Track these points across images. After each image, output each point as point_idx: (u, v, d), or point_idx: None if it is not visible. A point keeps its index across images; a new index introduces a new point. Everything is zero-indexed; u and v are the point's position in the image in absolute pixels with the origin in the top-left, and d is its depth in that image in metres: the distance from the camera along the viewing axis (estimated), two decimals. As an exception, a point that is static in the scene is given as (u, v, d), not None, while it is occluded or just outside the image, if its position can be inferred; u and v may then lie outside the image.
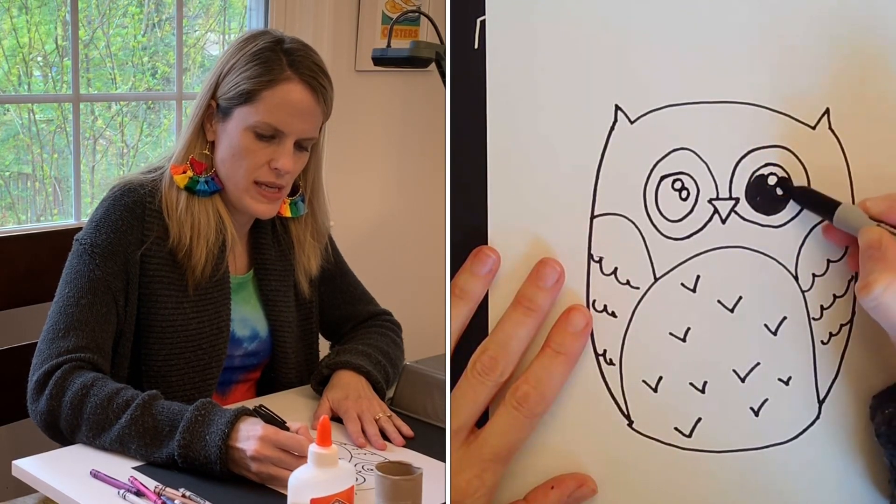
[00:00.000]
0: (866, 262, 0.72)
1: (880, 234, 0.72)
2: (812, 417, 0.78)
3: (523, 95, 0.78)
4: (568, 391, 0.79)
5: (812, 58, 0.76)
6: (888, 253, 0.71)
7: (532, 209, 0.79)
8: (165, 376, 1.52)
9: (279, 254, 1.66)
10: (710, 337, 0.78)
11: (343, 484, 1.10)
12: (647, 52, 0.77)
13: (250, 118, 1.50)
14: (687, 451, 0.79)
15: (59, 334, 1.44)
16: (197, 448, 1.29)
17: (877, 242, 0.72)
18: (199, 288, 1.54)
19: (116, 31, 2.55)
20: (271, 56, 1.51)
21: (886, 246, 0.71)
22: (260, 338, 1.64)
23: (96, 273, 1.47)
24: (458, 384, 0.79)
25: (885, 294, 0.70)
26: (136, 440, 1.33)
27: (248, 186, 1.52)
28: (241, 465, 1.29)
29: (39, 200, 2.49)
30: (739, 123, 0.77)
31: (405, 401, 1.60)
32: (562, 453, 0.80)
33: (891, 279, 0.70)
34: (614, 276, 0.79)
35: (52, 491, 1.28)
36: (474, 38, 0.78)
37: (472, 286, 0.78)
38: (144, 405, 1.34)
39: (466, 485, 0.78)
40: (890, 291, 0.70)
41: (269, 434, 1.28)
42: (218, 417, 1.31)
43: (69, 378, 1.39)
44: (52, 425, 1.40)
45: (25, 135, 2.44)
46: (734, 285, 0.78)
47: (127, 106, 2.61)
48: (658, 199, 0.78)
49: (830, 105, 0.77)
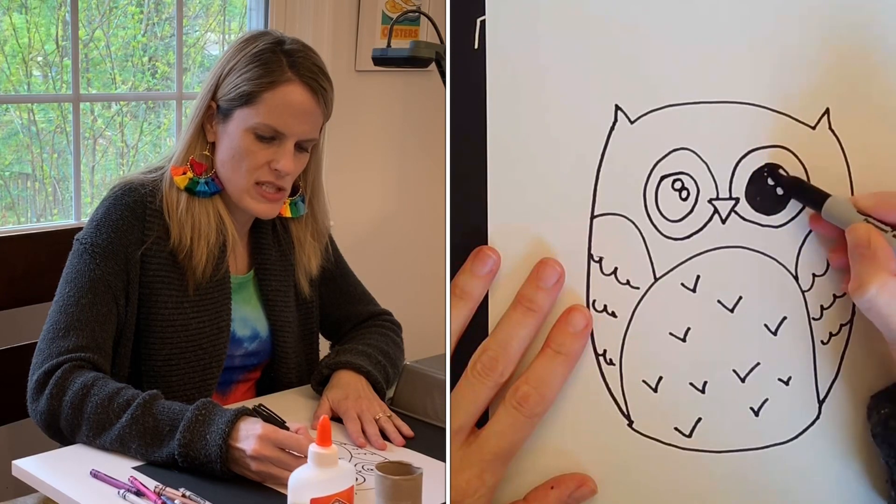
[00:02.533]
0: (857, 260, 0.71)
1: (868, 230, 0.71)
2: (812, 417, 0.78)
3: (523, 96, 0.78)
4: (568, 391, 0.79)
5: (812, 58, 0.76)
6: (878, 251, 0.70)
7: (532, 209, 0.79)
8: (166, 376, 1.52)
9: (280, 254, 1.66)
10: (710, 337, 0.78)
11: (343, 484, 1.10)
12: (648, 51, 0.77)
13: (251, 119, 1.50)
14: (687, 451, 0.79)
15: (60, 334, 1.44)
16: (197, 447, 1.29)
17: (865, 240, 0.71)
18: (200, 288, 1.54)
19: (116, 31, 2.55)
20: (272, 57, 1.51)
21: (876, 244, 0.71)
22: (260, 338, 1.64)
23: (97, 272, 1.47)
24: (458, 384, 0.79)
25: (880, 295, 0.70)
26: (136, 440, 1.33)
27: (249, 187, 1.52)
28: (241, 464, 1.29)
29: (39, 200, 2.49)
30: (739, 123, 0.77)
31: (405, 401, 1.60)
32: (562, 453, 0.80)
33: (884, 279, 0.70)
34: (614, 276, 0.79)
35: (52, 491, 1.28)
36: (474, 38, 0.78)
37: (473, 286, 0.78)
38: (145, 405, 1.34)
39: (466, 485, 0.78)
40: (884, 292, 0.70)
41: (269, 433, 1.28)
42: (218, 417, 1.31)
43: (69, 378, 1.39)
44: (52, 425, 1.41)
45: (25, 135, 2.44)
46: (734, 285, 0.78)
47: (127, 106, 2.61)
48: (658, 199, 0.78)
49: (830, 105, 0.77)
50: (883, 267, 0.70)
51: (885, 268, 0.70)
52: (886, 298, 0.70)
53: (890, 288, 0.70)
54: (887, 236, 0.71)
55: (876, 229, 0.71)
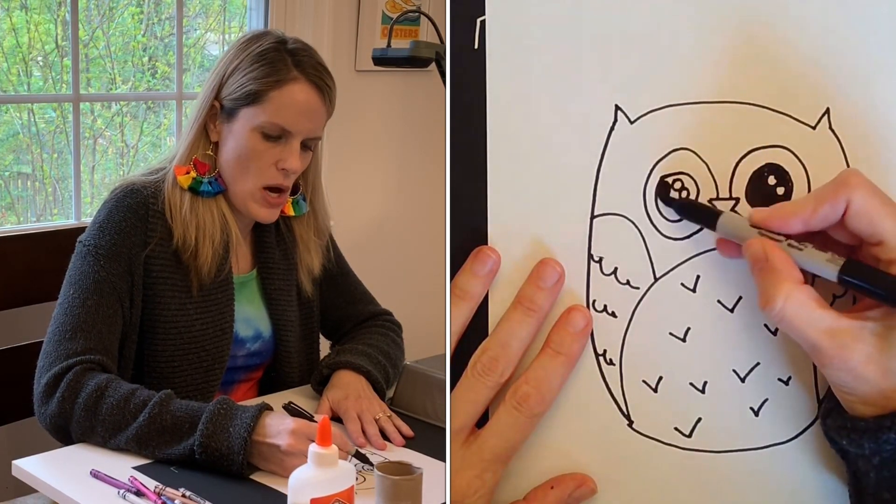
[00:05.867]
0: (758, 276, 0.71)
1: (762, 244, 0.71)
2: (812, 417, 0.78)
3: (523, 95, 0.78)
4: (568, 391, 0.79)
5: (812, 57, 0.76)
6: (777, 263, 0.70)
7: (532, 209, 0.79)
8: (169, 377, 1.52)
9: (282, 253, 1.66)
10: (710, 337, 0.78)
11: (343, 484, 1.10)
12: (648, 52, 0.77)
13: (257, 118, 1.50)
14: (687, 451, 0.79)
15: (67, 336, 1.44)
16: (220, 439, 1.29)
17: (762, 254, 0.70)
18: (203, 289, 1.54)
19: (116, 31, 2.55)
20: (277, 56, 1.51)
21: (773, 256, 0.70)
22: (263, 338, 1.64)
23: (101, 274, 1.47)
24: (458, 384, 0.79)
25: (787, 305, 0.69)
26: (154, 438, 1.33)
27: (255, 191, 1.53)
28: (272, 460, 1.29)
29: (39, 200, 2.49)
30: (739, 123, 0.77)
31: (405, 401, 1.60)
32: (562, 453, 0.80)
33: (788, 288, 0.69)
34: (614, 276, 0.79)
35: (52, 491, 1.28)
36: (474, 38, 0.78)
37: (473, 286, 0.78)
38: (162, 403, 1.35)
39: (466, 485, 0.78)
40: (791, 301, 0.69)
41: (301, 427, 1.29)
42: (240, 412, 1.32)
43: (81, 380, 1.39)
44: (61, 427, 1.40)
45: (25, 135, 2.44)
46: (734, 285, 0.78)
47: (127, 106, 2.61)
48: (658, 199, 0.78)
49: (830, 105, 0.76)
50: (785, 277, 0.69)
51: (788, 277, 0.69)
52: (794, 308, 0.69)
53: (796, 296, 0.69)
54: (783, 246, 0.71)
55: (771, 241, 0.71)
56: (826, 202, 0.70)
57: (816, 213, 0.70)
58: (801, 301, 0.69)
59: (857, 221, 0.69)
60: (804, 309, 0.69)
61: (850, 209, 0.69)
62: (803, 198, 0.73)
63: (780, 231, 0.71)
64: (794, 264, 0.70)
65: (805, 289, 0.69)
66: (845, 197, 0.69)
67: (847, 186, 0.69)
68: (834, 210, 0.70)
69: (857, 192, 0.69)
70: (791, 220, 0.71)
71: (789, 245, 0.71)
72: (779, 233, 0.72)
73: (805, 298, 0.69)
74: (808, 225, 0.71)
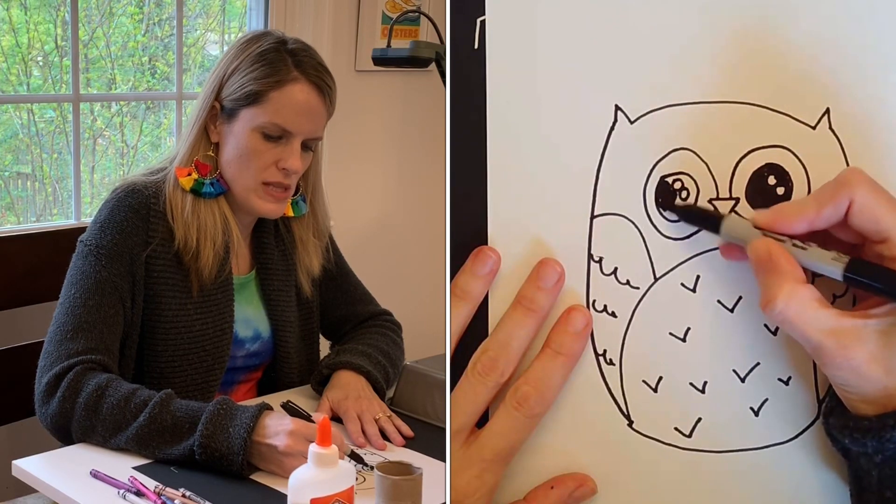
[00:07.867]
0: (761, 276, 0.70)
1: (767, 245, 0.70)
2: (812, 417, 0.78)
3: (523, 96, 0.78)
4: (568, 391, 0.79)
5: (812, 57, 0.76)
6: (780, 262, 0.69)
7: (532, 209, 0.79)
8: (169, 378, 1.52)
9: (281, 254, 1.66)
10: (710, 337, 0.78)
11: (343, 484, 1.10)
12: (647, 52, 0.77)
13: (258, 119, 1.50)
14: (687, 451, 0.79)
15: (68, 336, 1.44)
16: (220, 439, 1.29)
17: (766, 254, 0.70)
18: (204, 290, 1.54)
19: (116, 31, 2.55)
20: (277, 57, 1.51)
21: (777, 256, 0.70)
22: (262, 338, 1.64)
23: (103, 274, 1.47)
24: (458, 384, 0.79)
25: (789, 305, 0.68)
26: (155, 437, 1.33)
27: (256, 186, 1.53)
28: (271, 460, 1.29)
29: (39, 200, 2.49)
30: (739, 123, 0.77)
31: (405, 401, 1.60)
32: (562, 453, 0.80)
33: (791, 287, 0.68)
34: (614, 276, 0.79)
35: (52, 491, 1.28)
36: (474, 38, 0.78)
37: (473, 286, 0.78)
38: (162, 403, 1.35)
39: (466, 485, 0.78)
40: (793, 301, 0.68)
41: (300, 428, 1.29)
42: (241, 412, 1.32)
43: (82, 380, 1.39)
44: (62, 427, 1.40)
45: (25, 135, 2.44)
46: (734, 285, 0.78)
47: (127, 106, 2.61)
48: (660, 205, 0.78)
49: (830, 105, 0.76)
50: (788, 276, 0.69)
51: (791, 277, 0.69)
52: (796, 307, 0.68)
53: (799, 295, 0.68)
54: (787, 245, 0.71)
55: (775, 242, 0.71)
56: (829, 201, 0.70)
57: (821, 213, 0.70)
58: (803, 301, 0.69)
59: (861, 219, 0.69)
60: (806, 308, 0.69)
61: (854, 207, 0.69)
62: (806, 197, 0.73)
63: (785, 232, 0.71)
64: (798, 264, 0.70)
65: (807, 288, 0.69)
66: (848, 195, 0.69)
67: (849, 184, 0.69)
68: (837, 209, 0.70)
69: (860, 189, 0.69)
70: (795, 221, 0.71)
71: (793, 245, 0.71)
72: (785, 234, 0.71)
73: (807, 298, 0.69)
74: (813, 225, 0.71)
